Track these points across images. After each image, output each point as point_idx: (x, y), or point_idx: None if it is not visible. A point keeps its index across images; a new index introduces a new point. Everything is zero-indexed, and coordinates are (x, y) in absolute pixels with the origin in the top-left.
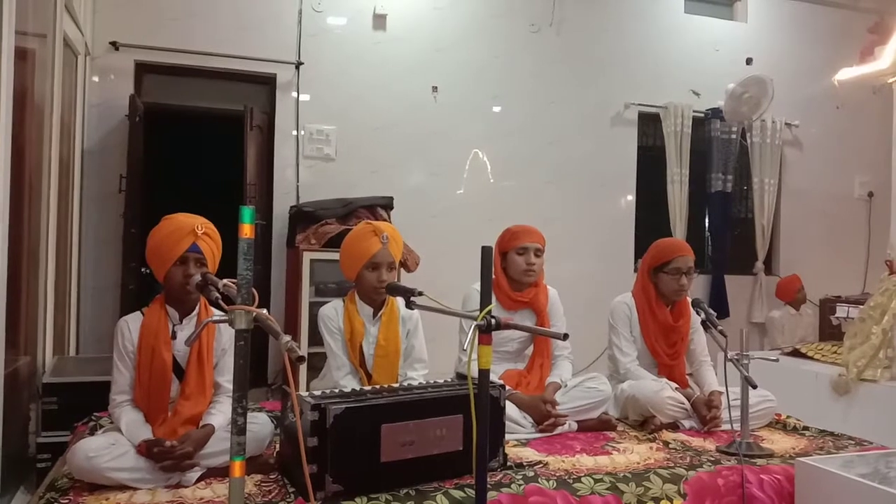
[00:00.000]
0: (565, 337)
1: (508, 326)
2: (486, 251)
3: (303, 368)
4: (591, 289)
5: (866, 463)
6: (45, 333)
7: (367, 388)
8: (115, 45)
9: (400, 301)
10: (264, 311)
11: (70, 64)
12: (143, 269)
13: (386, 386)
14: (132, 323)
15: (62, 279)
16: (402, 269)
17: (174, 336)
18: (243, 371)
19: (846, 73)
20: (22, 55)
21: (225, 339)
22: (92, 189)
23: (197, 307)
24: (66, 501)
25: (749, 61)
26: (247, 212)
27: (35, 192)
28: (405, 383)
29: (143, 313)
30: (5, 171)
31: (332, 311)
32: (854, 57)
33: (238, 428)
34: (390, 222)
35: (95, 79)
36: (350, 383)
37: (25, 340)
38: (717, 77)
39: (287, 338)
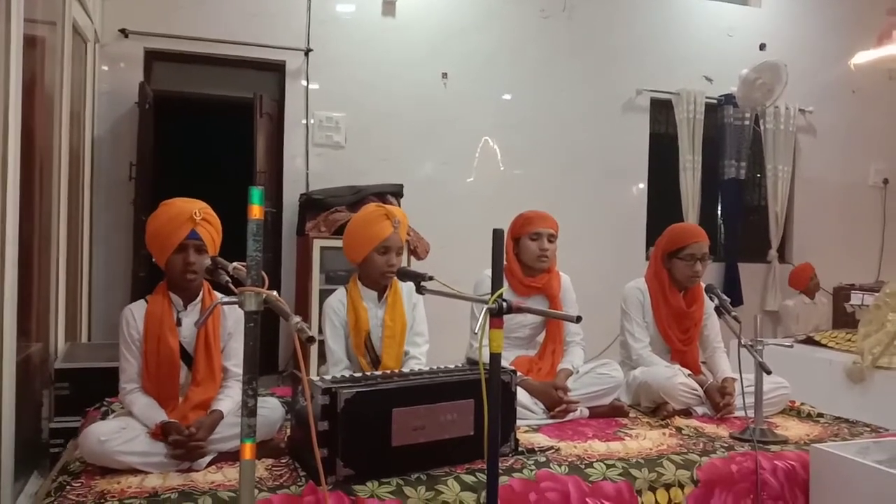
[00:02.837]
0: (578, 319)
1: (521, 310)
2: (497, 234)
3: (314, 355)
4: (602, 276)
5: (882, 449)
6: (57, 320)
7: (378, 372)
8: (124, 33)
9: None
10: (274, 292)
11: (79, 51)
12: (153, 259)
13: (396, 371)
14: (136, 311)
15: (73, 266)
16: (412, 257)
17: (179, 323)
18: (254, 353)
19: (863, 57)
20: (31, 42)
21: (230, 322)
22: (102, 177)
23: (200, 293)
24: (79, 485)
25: (762, 47)
26: (255, 192)
27: (45, 180)
28: (406, 364)
29: (147, 301)
30: (16, 159)
31: (339, 303)
32: (871, 40)
33: (249, 410)
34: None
35: (105, 67)
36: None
37: (37, 327)
38: (731, 63)
39: (297, 318)
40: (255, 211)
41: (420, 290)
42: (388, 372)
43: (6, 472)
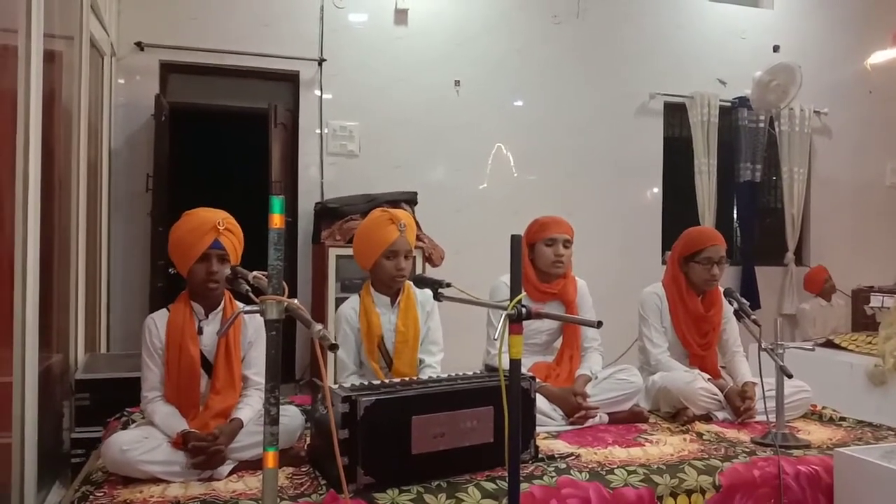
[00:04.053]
0: (599, 324)
1: (539, 315)
2: (515, 240)
3: (331, 363)
4: (618, 281)
5: None
6: (77, 331)
7: (397, 380)
8: (139, 46)
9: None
10: (295, 301)
11: (96, 65)
12: (170, 270)
13: (416, 378)
14: (159, 320)
15: (92, 278)
16: (426, 264)
17: (200, 331)
18: (275, 361)
19: (878, 57)
20: (50, 57)
21: (250, 331)
22: (120, 189)
23: (222, 301)
24: (101, 494)
25: (776, 49)
26: (276, 202)
27: (64, 192)
28: (424, 369)
29: (169, 310)
30: (36, 173)
31: (351, 310)
32: (886, 40)
33: (271, 418)
34: (414, 217)
35: (121, 80)
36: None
37: (57, 338)
38: (744, 65)
39: (319, 326)
40: (276, 220)
41: (438, 296)
42: (408, 379)
43: (29, 483)
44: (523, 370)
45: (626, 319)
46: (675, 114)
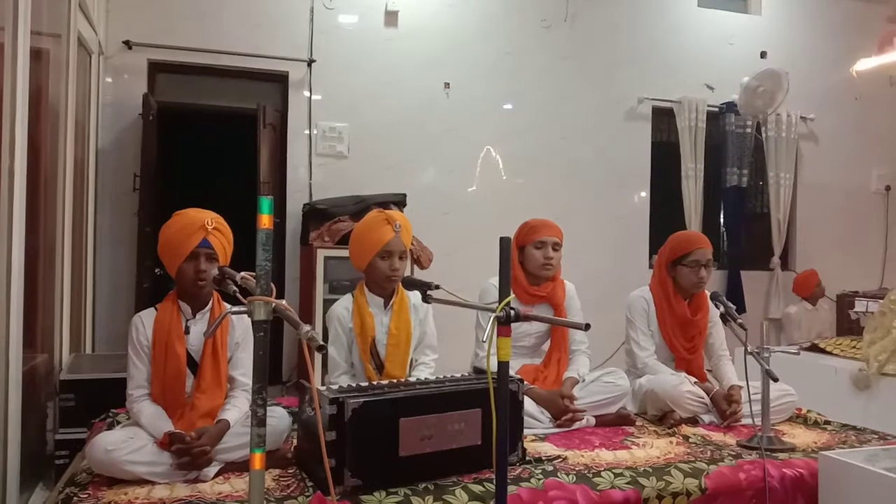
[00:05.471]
0: (587, 327)
1: (528, 318)
2: (504, 242)
3: (318, 365)
4: (605, 285)
5: (891, 456)
6: (62, 331)
7: (385, 382)
8: (128, 45)
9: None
10: (283, 302)
11: (84, 63)
12: (156, 270)
13: (403, 380)
14: (146, 318)
15: (77, 278)
16: (415, 266)
17: (187, 331)
18: (263, 362)
19: (864, 64)
20: (37, 55)
21: (238, 332)
22: (106, 188)
23: (210, 302)
24: (86, 496)
25: (763, 55)
26: (265, 202)
27: (50, 191)
28: (416, 369)
29: (156, 309)
30: (22, 171)
31: (344, 311)
32: (872, 47)
33: (258, 419)
34: None
35: (109, 79)
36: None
37: (42, 338)
38: (732, 71)
39: (307, 327)
40: (265, 221)
41: (426, 298)
42: (395, 381)
43: (12, 485)
44: (511, 372)
45: (614, 322)
46: (663, 118)
